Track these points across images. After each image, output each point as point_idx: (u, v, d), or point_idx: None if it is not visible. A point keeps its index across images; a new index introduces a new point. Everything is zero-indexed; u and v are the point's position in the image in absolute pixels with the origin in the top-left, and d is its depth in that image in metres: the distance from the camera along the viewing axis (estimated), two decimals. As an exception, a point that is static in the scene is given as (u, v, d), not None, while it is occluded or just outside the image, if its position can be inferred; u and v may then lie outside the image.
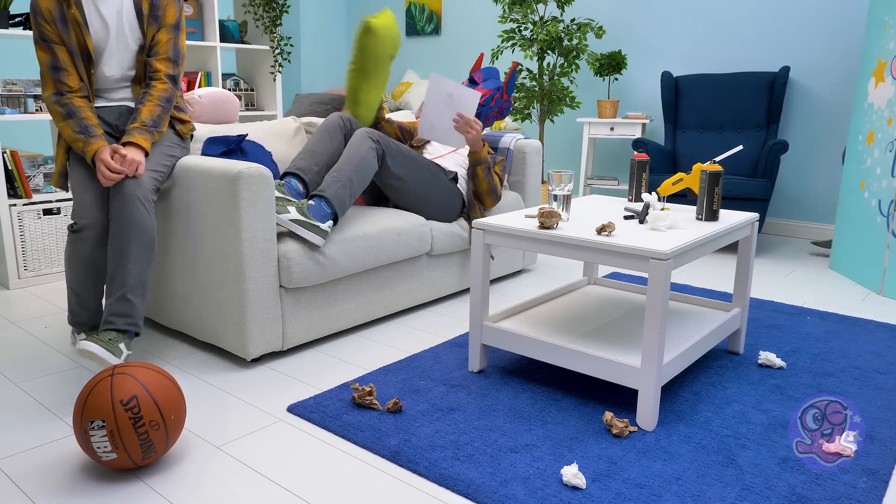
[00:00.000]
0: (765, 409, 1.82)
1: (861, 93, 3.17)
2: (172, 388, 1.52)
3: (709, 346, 1.94)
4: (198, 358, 2.15)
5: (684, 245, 1.67)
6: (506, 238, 1.88)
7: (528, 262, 3.21)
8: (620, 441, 1.64)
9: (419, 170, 2.49)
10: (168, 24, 2.09)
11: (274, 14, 4.23)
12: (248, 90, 4.61)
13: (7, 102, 2.98)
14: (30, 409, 1.79)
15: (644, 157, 2.23)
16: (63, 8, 1.96)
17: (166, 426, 1.47)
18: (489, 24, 5.25)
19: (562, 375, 2.02)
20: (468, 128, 2.48)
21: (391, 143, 2.41)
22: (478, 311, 1.98)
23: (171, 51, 2.10)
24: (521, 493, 1.41)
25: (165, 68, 2.09)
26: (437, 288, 2.65)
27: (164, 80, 2.08)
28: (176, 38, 2.11)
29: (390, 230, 2.36)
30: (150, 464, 1.53)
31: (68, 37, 1.98)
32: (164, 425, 1.46)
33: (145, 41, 2.08)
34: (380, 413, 1.76)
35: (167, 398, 1.48)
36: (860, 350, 2.25)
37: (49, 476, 1.49)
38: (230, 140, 2.33)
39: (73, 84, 2.00)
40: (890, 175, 2.87)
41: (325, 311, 2.22)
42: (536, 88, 4.43)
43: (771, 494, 1.43)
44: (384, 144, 2.37)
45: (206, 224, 2.05)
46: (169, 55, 2.10)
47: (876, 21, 3.06)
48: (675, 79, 4.09)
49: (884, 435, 1.68)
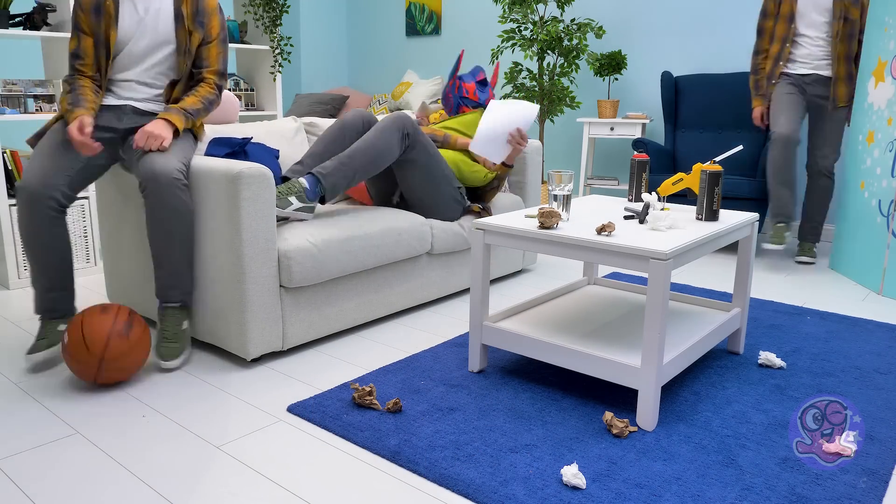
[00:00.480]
0: (765, 409, 1.82)
1: (861, 93, 3.17)
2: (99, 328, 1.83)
3: (709, 346, 1.94)
4: (198, 358, 2.15)
5: (684, 245, 1.67)
6: (506, 238, 1.88)
7: (528, 262, 3.21)
8: (620, 441, 1.64)
9: (438, 167, 2.52)
10: (216, 38, 2.18)
11: (274, 14, 4.23)
12: (248, 90, 4.61)
13: (7, 102, 2.98)
14: (30, 409, 1.79)
15: (644, 157, 2.23)
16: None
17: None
18: (489, 24, 5.25)
19: (562, 375, 2.02)
20: (522, 142, 2.54)
21: (421, 138, 2.43)
22: (478, 311, 1.98)
23: (220, 64, 2.21)
24: (521, 493, 1.41)
25: (215, 78, 2.20)
26: (437, 288, 2.65)
27: (213, 86, 2.19)
28: (224, 52, 2.22)
29: (390, 230, 2.36)
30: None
31: (98, 27, 2.06)
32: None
33: (179, 43, 2.13)
34: (380, 413, 1.76)
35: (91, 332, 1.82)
36: (860, 350, 2.25)
37: (49, 476, 1.49)
38: (235, 142, 2.33)
39: (87, 72, 2.11)
40: (890, 175, 2.87)
41: (325, 310, 2.22)
42: (536, 88, 4.43)
43: (771, 494, 1.43)
44: (413, 138, 2.40)
45: (206, 224, 2.05)
46: (219, 68, 2.21)
47: (876, 21, 3.06)
48: (675, 79, 4.09)
49: (884, 435, 1.68)
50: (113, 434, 1.67)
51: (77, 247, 3.02)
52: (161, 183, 1.93)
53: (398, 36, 5.84)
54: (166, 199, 1.95)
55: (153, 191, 1.94)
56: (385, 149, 2.30)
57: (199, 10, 2.13)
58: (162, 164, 1.95)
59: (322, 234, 2.15)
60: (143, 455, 1.57)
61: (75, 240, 3.01)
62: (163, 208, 1.96)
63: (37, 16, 3.01)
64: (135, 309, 2.44)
